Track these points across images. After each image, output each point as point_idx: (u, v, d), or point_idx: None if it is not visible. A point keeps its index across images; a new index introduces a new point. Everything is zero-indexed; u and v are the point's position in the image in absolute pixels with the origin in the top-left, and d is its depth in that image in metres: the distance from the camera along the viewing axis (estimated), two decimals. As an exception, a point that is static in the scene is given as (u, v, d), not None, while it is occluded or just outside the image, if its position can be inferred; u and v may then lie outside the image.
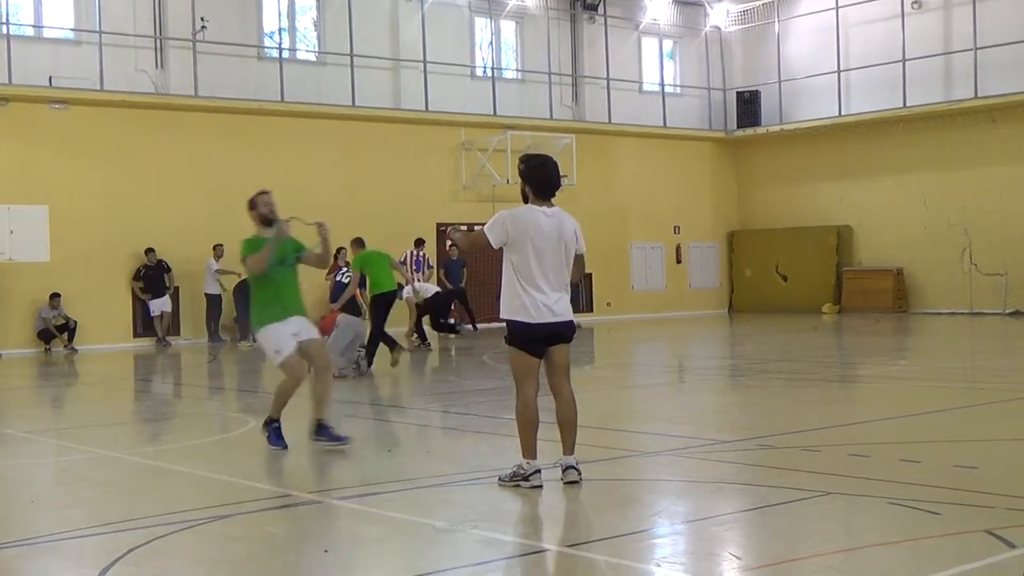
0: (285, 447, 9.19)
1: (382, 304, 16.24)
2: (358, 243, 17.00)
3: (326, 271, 17.10)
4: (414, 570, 5.63)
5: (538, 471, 7.34)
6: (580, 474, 7.37)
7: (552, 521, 6.76)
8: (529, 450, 7.37)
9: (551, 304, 7.30)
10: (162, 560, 5.94)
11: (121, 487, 8.37)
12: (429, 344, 21.02)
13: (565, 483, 7.33)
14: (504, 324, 7.43)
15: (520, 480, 7.35)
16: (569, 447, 7.45)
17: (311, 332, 9.48)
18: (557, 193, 7.77)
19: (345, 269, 17.01)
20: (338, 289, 16.17)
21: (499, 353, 19.41)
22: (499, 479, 7.50)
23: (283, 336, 9.20)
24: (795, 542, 5.99)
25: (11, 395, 15.63)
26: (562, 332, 7.41)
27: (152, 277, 22.57)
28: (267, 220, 9.39)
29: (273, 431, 9.29)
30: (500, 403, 12.50)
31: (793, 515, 6.55)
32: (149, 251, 22.48)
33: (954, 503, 6.56)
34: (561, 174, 8.08)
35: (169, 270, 22.72)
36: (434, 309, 22.21)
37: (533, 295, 7.28)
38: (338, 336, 15.38)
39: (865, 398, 13.00)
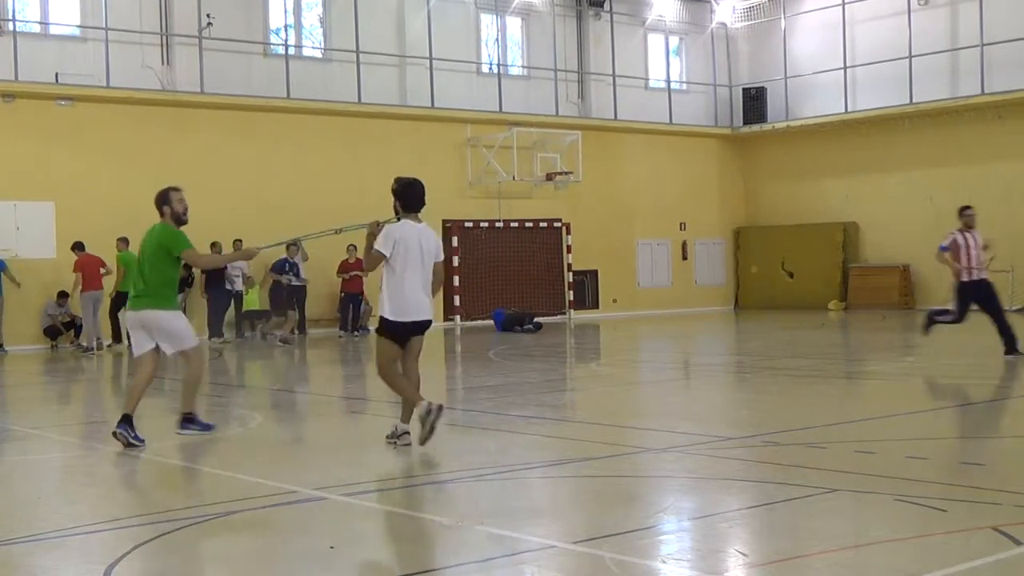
0: (209, 428, 9.73)
1: (122, 301, 19.92)
2: (124, 241, 20.64)
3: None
4: (420, 566, 5.63)
5: (407, 432, 8.92)
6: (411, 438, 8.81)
7: (558, 517, 6.75)
8: (406, 417, 8.91)
9: (419, 304, 8.75)
10: (168, 556, 5.95)
11: (127, 483, 8.39)
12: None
13: (432, 424, 8.60)
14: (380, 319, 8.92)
15: (397, 437, 8.89)
16: (406, 416, 8.91)
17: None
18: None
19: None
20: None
21: (504, 350, 19.42)
22: (386, 438, 8.98)
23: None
24: (801, 539, 5.98)
25: (18, 391, 15.66)
26: (423, 326, 8.90)
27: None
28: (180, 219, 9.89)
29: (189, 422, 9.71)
30: (505, 400, 12.51)
31: (799, 512, 6.54)
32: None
33: (961, 500, 6.54)
34: (566, 171, 8.71)
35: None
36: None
37: (408, 296, 8.69)
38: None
39: (871, 394, 12.98)
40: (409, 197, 8.90)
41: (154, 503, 7.24)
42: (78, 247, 20.92)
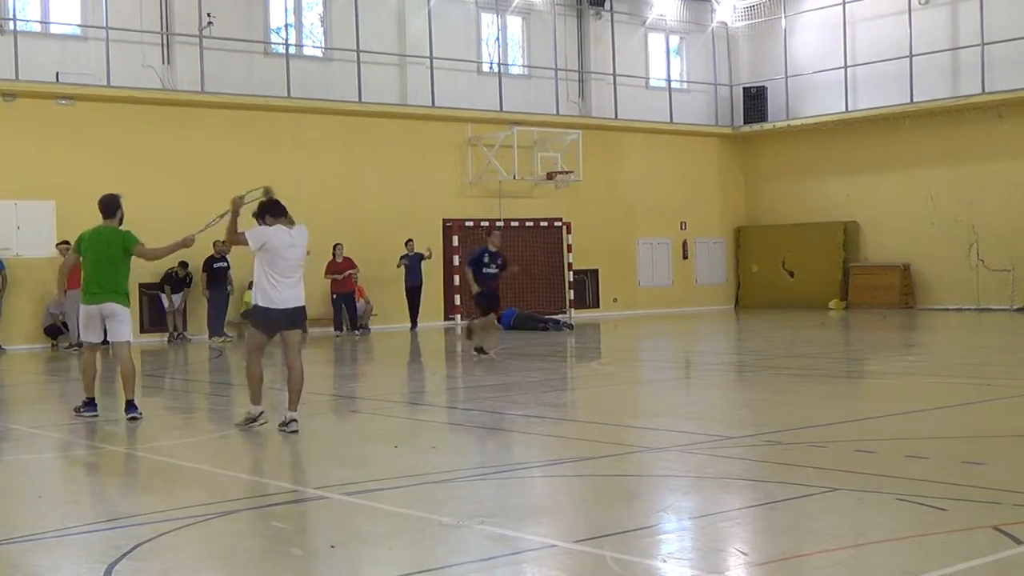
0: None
1: None
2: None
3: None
4: (420, 566, 5.63)
5: (262, 412, 10.07)
6: (298, 424, 9.79)
7: (558, 516, 6.75)
8: (256, 399, 10.11)
9: (287, 298, 9.88)
10: (169, 555, 5.95)
11: (128, 482, 8.39)
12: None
13: (288, 432, 9.66)
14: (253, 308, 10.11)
15: (251, 422, 9.97)
16: (293, 405, 9.93)
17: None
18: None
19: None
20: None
21: (506, 349, 19.41)
22: (236, 424, 10.09)
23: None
24: (802, 538, 5.98)
25: (18, 390, 15.66)
26: (295, 318, 10.01)
27: (178, 281, 22.78)
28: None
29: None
30: (506, 399, 12.51)
31: (800, 511, 6.54)
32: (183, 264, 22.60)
33: (961, 499, 6.54)
34: (566, 170, 8.98)
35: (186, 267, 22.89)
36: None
37: (278, 291, 9.83)
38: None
39: (872, 394, 12.98)
40: (269, 208, 9.98)
41: (154, 502, 7.24)
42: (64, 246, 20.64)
